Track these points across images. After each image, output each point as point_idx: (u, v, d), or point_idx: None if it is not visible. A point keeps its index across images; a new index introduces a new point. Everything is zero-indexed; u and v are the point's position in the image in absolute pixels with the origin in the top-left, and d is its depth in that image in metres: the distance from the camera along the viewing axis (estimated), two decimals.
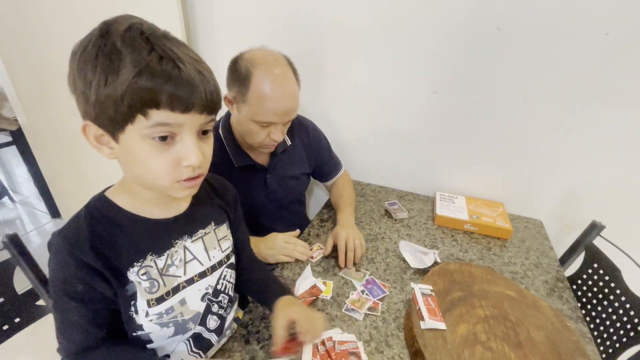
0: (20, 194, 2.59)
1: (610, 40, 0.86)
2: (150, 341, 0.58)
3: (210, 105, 0.47)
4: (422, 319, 0.67)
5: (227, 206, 0.69)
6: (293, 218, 1.12)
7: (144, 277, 0.53)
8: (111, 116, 0.43)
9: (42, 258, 0.74)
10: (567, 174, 1.06)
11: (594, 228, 0.91)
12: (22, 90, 1.43)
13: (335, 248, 0.88)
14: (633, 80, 0.89)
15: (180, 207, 0.59)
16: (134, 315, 0.54)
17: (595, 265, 0.88)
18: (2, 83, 1.50)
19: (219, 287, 0.64)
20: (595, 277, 0.88)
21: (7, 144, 2.07)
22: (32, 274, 0.73)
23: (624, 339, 0.76)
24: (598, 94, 0.93)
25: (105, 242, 0.51)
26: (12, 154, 2.24)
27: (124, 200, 0.53)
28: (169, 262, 0.56)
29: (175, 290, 0.57)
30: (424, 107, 1.14)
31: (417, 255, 0.91)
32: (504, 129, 1.07)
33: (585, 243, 0.93)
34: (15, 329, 0.75)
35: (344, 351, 0.63)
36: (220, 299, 0.65)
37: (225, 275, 0.66)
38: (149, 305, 0.54)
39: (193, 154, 0.46)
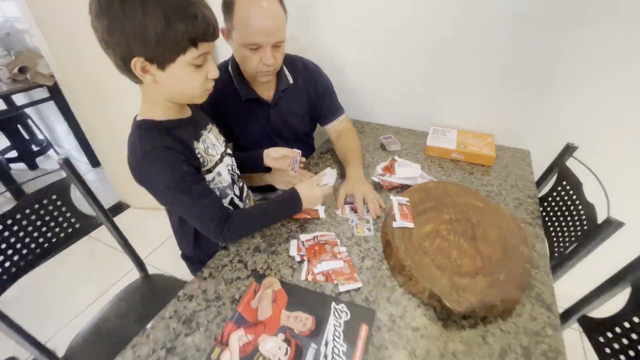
0: (63, 147, 2.88)
1: None
2: None
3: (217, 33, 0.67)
4: (395, 219, 0.80)
5: (207, 113, 0.90)
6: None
7: (199, 156, 0.75)
8: (169, 50, 0.59)
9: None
10: (555, 104, 1.11)
11: (568, 149, 0.98)
12: (55, 48, 1.59)
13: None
14: None
15: (188, 112, 0.78)
16: None
17: (564, 183, 0.97)
18: (37, 42, 1.65)
19: (233, 165, 0.89)
20: (562, 193, 0.97)
21: (46, 100, 2.29)
22: (84, 190, 0.93)
23: (573, 238, 0.87)
24: (592, 15, 0.95)
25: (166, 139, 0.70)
26: (52, 111, 2.47)
27: (157, 115, 0.71)
28: (206, 145, 0.78)
29: (215, 165, 0.80)
30: (422, 42, 1.19)
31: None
32: (496, 59, 1.11)
33: (559, 164, 1.01)
34: (72, 238, 0.96)
35: (326, 242, 0.79)
36: (237, 172, 0.91)
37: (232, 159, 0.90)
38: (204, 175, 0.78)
39: (215, 70, 0.69)
